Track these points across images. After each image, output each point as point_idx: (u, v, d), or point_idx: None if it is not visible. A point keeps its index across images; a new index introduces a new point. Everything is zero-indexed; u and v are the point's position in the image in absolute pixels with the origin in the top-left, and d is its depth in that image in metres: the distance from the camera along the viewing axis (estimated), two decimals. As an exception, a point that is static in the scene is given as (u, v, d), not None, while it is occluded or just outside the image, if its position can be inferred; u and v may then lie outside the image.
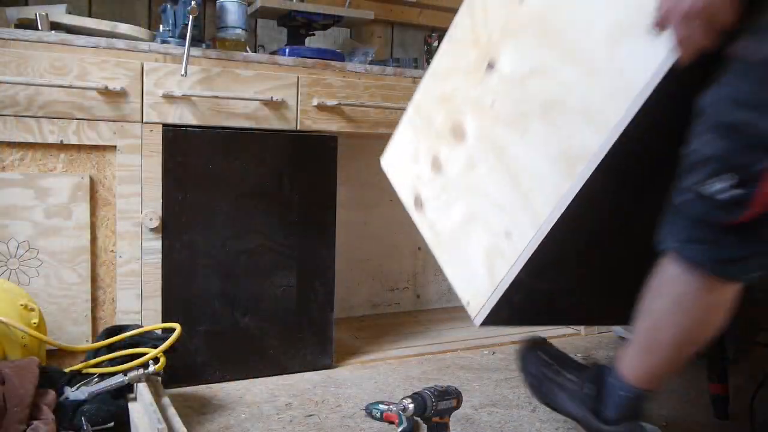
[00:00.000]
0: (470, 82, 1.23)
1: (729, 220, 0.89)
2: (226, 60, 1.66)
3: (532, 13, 1.11)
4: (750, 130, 0.84)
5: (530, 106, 1.08)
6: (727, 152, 0.86)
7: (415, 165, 1.36)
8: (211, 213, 1.64)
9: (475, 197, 1.19)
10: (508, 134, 1.12)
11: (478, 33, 1.23)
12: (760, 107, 0.83)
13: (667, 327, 1.04)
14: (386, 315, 2.49)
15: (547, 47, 1.07)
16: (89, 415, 1.24)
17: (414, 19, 2.51)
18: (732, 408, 1.59)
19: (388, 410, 1.47)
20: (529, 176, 1.07)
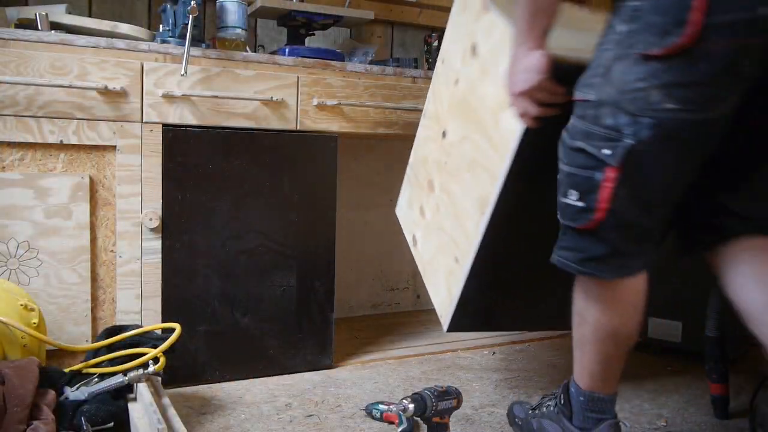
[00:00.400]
0: (435, 147, 1.57)
1: (581, 226, 1.09)
2: (226, 60, 1.66)
3: (461, 94, 1.46)
4: (585, 153, 1.07)
5: (463, 163, 1.42)
6: (568, 172, 1.11)
7: (411, 211, 1.71)
8: (211, 213, 1.64)
9: (439, 233, 1.52)
10: (454, 184, 1.46)
11: (437, 110, 1.59)
12: (591, 136, 1.06)
13: (583, 325, 1.20)
14: (386, 315, 2.49)
15: (469, 120, 1.42)
16: (89, 415, 1.24)
17: (414, 19, 2.51)
18: (732, 408, 1.59)
19: (388, 410, 1.47)
20: (465, 214, 1.40)
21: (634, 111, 1.01)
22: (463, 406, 1.56)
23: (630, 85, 1.01)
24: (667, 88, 0.99)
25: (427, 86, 1.90)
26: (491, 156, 1.31)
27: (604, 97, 1.05)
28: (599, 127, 1.05)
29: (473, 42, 1.42)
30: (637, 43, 1.01)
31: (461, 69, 1.47)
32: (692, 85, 0.98)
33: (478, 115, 1.37)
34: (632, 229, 1.09)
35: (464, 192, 1.41)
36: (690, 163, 1.07)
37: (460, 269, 1.40)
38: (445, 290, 1.48)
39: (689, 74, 0.97)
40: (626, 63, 1.02)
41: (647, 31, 0.99)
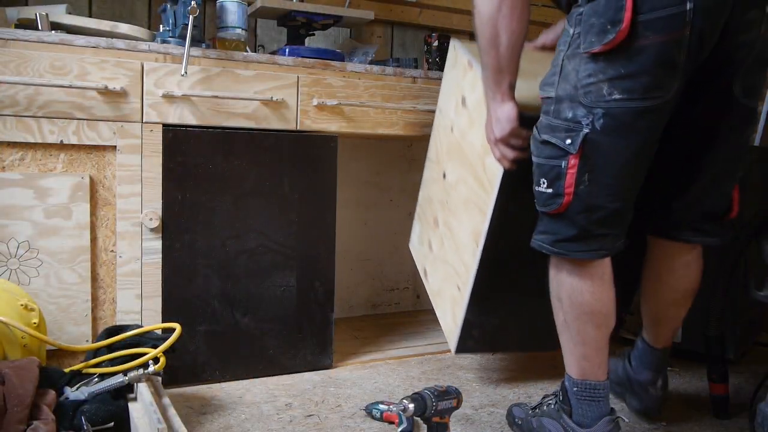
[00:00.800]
0: (438, 187, 1.77)
1: (552, 210, 1.22)
2: (226, 60, 1.66)
3: (456, 140, 1.64)
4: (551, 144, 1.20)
5: (460, 202, 1.60)
6: (539, 163, 1.24)
7: (421, 246, 1.89)
8: (211, 213, 1.64)
9: (444, 265, 1.70)
10: (454, 220, 1.65)
11: (438, 154, 1.78)
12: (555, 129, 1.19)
13: (560, 309, 1.29)
14: (386, 315, 2.49)
15: (463, 163, 1.60)
16: (89, 415, 1.24)
17: (414, 19, 2.51)
18: (732, 408, 1.59)
19: (388, 410, 1.47)
20: (463, 247, 1.58)
21: (588, 103, 1.15)
22: (463, 406, 1.56)
23: (582, 81, 1.15)
24: (613, 81, 1.11)
25: (427, 86, 1.91)
26: (481, 194, 1.50)
27: (561, 93, 1.19)
28: (560, 120, 1.19)
29: (462, 95, 1.61)
30: (583, 43, 1.14)
31: (454, 118, 1.67)
32: (633, 76, 1.10)
33: (469, 159, 1.56)
34: (597, 211, 1.19)
35: (462, 227, 1.60)
36: (641, 147, 1.18)
37: (462, 296, 1.58)
38: (450, 316, 1.65)
39: (629, 67, 1.10)
40: (577, 61, 1.16)
41: (590, 32, 1.13)
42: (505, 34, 1.25)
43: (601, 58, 1.12)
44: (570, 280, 1.25)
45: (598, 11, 1.12)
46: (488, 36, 1.26)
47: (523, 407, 1.47)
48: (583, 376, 1.29)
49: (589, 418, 1.29)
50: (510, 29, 1.25)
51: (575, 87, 1.16)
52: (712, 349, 1.58)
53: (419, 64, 2.23)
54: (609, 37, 1.09)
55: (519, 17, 1.25)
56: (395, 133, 1.88)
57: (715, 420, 1.57)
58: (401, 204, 2.52)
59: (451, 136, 1.67)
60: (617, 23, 1.08)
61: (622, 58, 1.10)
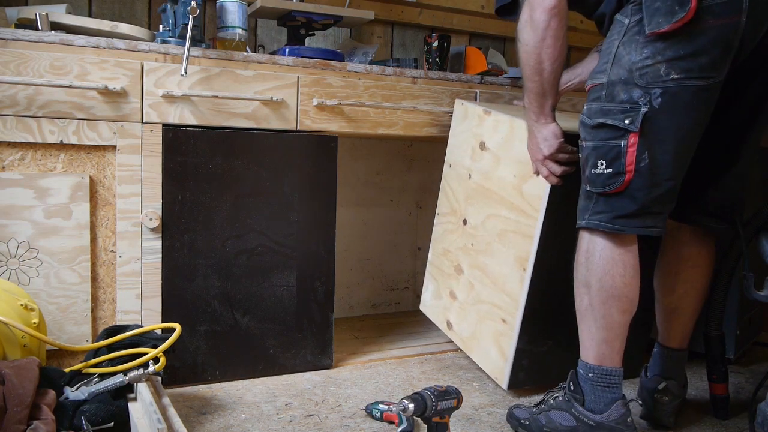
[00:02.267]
0: (457, 236, 1.84)
1: (613, 189, 1.27)
2: (226, 60, 1.66)
3: (476, 184, 1.76)
4: (607, 126, 1.26)
5: (493, 237, 1.68)
6: (594, 146, 1.29)
7: (439, 302, 1.93)
8: (211, 213, 1.64)
9: (478, 306, 1.73)
10: (484, 258, 1.71)
11: (452, 205, 1.88)
12: (610, 112, 1.26)
13: (587, 294, 1.33)
14: (386, 315, 2.49)
15: (490, 201, 1.69)
16: (89, 415, 1.24)
17: (414, 19, 2.51)
18: (732, 408, 1.59)
19: (388, 410, 1.47)
20: (503, 278, 1.63)
21: (645, 84, 1.22)
22: (463, 406, 1.56)
23: (638, 63, 1.22)
24: (671, 61, 1.20)
25: (427, 86, 1.91)
26: (521, 221, 1.58)
27: (613, 77, 1.26)
28: (615, 104, 1.25)
29: (481, 140, 1.73)
30: (648, 25, 1.20)
31: (471, 164, 1.78)
32: (692, 57, 1.19)
33: (498, 195, 1.66)
34: (657, 187, 1.25)
35: (498, 260, 1.65)
36: (695, 125, 1.25)
37: (510, 327, 1.60)
38: (496, 352, 1.65)
39: (688, 48, 1.19)
40: (633, 47, 1.23)
41: (656, 14, 1.19)
42: (548, 62, 1.37)
43: (662, 40, 1.20)
44: (603, 263, 1.30)
45: None
46: (533, 64, 1.38)
47: (524, 408, 1.47)
48: (600, 362, 1.32)
49: (601, 403, 1.31)
50: (553, 57, 1.36)
51: (630, 71, 1.24)
52: (713, 350, 1.58)
53: (419, 64, 2.23)
54: (678, 17, 1.17)
55: (561, 47, 1.37)
56: (395, 133, 1.88)
57: (715, 420, 1.57)
58: (401, 204, 2.52)
59: (469, 182, 1.79)
60: (686, 3, 1.16)
61: (684, 39, 1.19)
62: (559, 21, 1.34)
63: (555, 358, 1.66)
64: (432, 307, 1.97)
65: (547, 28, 1.35)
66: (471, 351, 1.77)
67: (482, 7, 2.60)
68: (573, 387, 1.37)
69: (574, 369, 1.39)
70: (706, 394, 1.65)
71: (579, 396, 1.35)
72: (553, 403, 1.41)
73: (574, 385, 1.36)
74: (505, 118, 1.64)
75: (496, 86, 2.05)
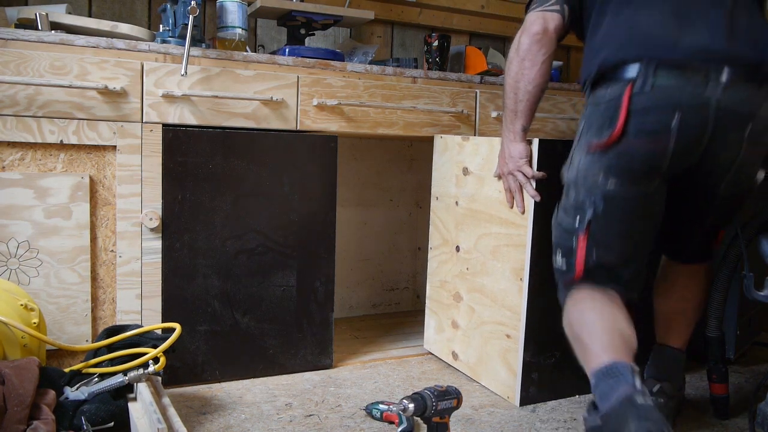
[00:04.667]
0: (451, 264, 1.87)
1: (566, 281, 1.35)
2: (226, 60, 1.66)
3: (464, 209, 1.81)
4: (563, 224, 1.36)
5: (487, 255, 1.72)
6: (556, 238, 1.38)
7: (442, 335, 1.93)
8: (211, 213, 1.64)
9: (481, 328, 1.75)
10: (481, 279, 1.74)
11: (443, 236, 1.92)
12: (567, 209, 1.36)
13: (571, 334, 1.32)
14: (386, 315, 2.49)
15: (480, 221, 1.74)
16: (89, 415, 1.24)
17: (414, 19, 2.51)
18: (732, 408, 1.59)
19: (388, 410, 1.47)
20: (502, 293, 1.66)
21: (589, 189, 1.31)
22: (463, 406, 1.56)
23: (582, 172, 1.32)
24: (608, 171, 1.28)
25: (427, 86, 1.91)
26: (512, 232, 1.62)
27: (570, 177, 1.36)
28: (571, 202, 1.35)
29: (464, 166, 1.80)
30: (584, 137, 1.32)
31: (457, 191, 1.84)
32: (624, 170, 1.27)
33: (487, 213, 1.72)
34: (611, 278, 1.33)
35: (495, 277, 1.69)
36: (638, 223, 1.32)
37: (515, 341, 1.62)
38: (505, 370, 1.66)
39: (621, 162, 1.26)
40: (581, 152, 1.33)
41: (590, 130, 1.31)
42: (524, 83, 1.45)
43: (599, 151, 1.29)
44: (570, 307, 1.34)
45: (598, 111, 1.30)
46: (510, 83, 1.47)
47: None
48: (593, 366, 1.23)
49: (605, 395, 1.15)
50: (528, 79, 1.45)
51: (578, 174, 1.33)
52: (713, 350, 1.58)
53: (419, 64, 2.23)
54: (605, 136, 1.27)
55: (538, 72, 1.44)
56: (395, 133, 1.88)
57: (715, 420, 1.57)
58: (401, 204, 2.52)
59: (457, 209, 1.84)
60: (612, 126, 1.25)
61: (616, 154, 1.27)
62: (539, 47, 1.42)
63: (564, 371, 1.64)
64: (436, 343, 1.96)
65: (527, 51, 1.43)
66: (480, 377, 1.75)
67: (482, 7, 2.60)
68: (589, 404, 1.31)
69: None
70: (706, 394, 1.65)
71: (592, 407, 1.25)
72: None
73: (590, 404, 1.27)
74: (483, 140, 1.72)
75: (496, 86, 2.05)
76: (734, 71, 1.21)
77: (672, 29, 1.25)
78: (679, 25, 1.25)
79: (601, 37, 1.34)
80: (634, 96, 1.23)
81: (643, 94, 1.23)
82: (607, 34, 1.32)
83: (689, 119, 1.22)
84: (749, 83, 1.22)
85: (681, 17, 1.26)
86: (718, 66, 1.21)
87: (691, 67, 1.22)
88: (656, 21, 1.27)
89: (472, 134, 1.99)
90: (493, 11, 2.63)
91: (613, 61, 1.27)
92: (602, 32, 1.34)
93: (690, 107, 1.21)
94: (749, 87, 1.22)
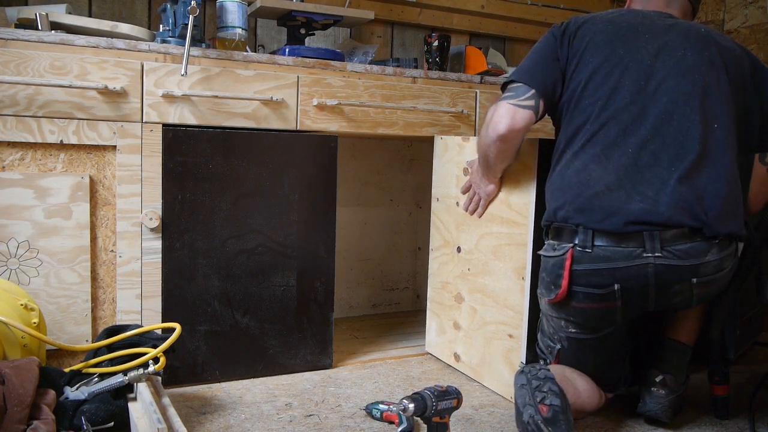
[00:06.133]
0: (453, 265, 1.87)
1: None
2: (226, 60, 1.66)
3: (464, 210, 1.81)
4: (542, 340, 1.51)
5: (488, 255, 1.72)
6: (541, 343, 1.52)
7: (443, 337, 1.93)
8: (211, 213, 1.64)
9: (483, 329, 1.75)
10: (483, 279, 1.75)
11: (444, 237, 1.91)
12: (543, 331, 1.50)
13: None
14: (386, 315, 2.49)
15: (481, 221, 1.74)
16: (89, 415, 1.24)
17: (414, 19, 2.51)
18: (732, 408, 1.59)
19: (388, 410, 1.47)
20: (504, 293, 1.67)
21: (555, 329, 1.45)
22: (463, 406, 1.56)
23: (547, 313, 1.45)
24: (565, 320, 1.41)
25: (427, 86, 1.91)
26: (514, 231, 1.62)
27: (543, 310, 1.47)
28: (545, 329, 1.48)
29: (464, 167, 1.80)
30: (539, 288, 1.43)
31: (458, 192, 1.83)
32: (579, 320, 1.38)
33: (489, 211, 1.71)
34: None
35: (497, 277, 1.69)
36: (604, 353, 1.46)
37: (518, 341, 1.62)
38: (508, 370, 1.66)
39: (574, 315, 1.38)
40: (543, 298, 1.43)
41: (541, 284, 1.41)
42: (492, 158, 1.50)
43: (555, 304, 1.39)
44: None
45: (546, 269, 1.38)
46: (482, 148, 1.51)
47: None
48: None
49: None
50: (496, 158, 1.50)
51: (545, 313, 1.46)
52: (714, 351, 1.58)
53: (419, 64, 2.23)
54: (551, 296, 1.37)
55: (504, 157, 1.49)
56: (395, 133, 1.88)
57: (715, 420, 1.57)
58: (401, 204, 2.52)
59: (458, 210, 1.83)
60: (557, 287, 1.35)
61: (567, 309, 1.38)
62: (505, 145, 1.44)
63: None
64: (437, 345, 1.96)
65: (492, 144, 1.45)
66: (483, 378, 1.74)
67: (482, 7, 2.60)
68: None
69: None
70: (707, 394, 1.65)
71: None
72: None
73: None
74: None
75: (496, 86, 2.05)
76: (672, 234, 1.27)
77: (617, 193, 1.29)
78: (626, 188, 1.29)
79: (557, 179, 1.38)
80: (574, 261, 1.31)
81: (583, 261, 1.31)
82: (561, 177, 1.37)
83: (629, 284, 1.29)
84: (691, 239, 1.28)
85: (630, 177, 1.30)
86: (653, 232, 1.27)
87: (627, 236, 1.28)
88: (605, 181, 1.30)
89: (472, 134, 1.98)
90: (493, 11, 2.63)
91: (561, 217, 1.35)
92: (559, 169, 1.39)
93: (628, 273, 1.29)
94: (691, 242, 1.28)
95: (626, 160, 1.30)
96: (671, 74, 1.34)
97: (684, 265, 1.28)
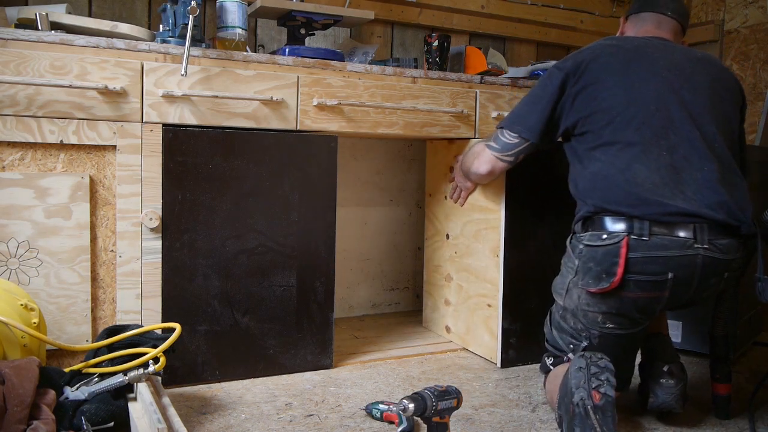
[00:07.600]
0: (443, 251, 2.15)
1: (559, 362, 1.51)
2: (226, 60, 1.66)
3: (452, 203, 2.07)
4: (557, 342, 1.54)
5: (471, 239, 1.99)
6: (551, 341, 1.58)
7: (437, 313, 2.20)
8: (211, 213, 1.64)
9: (468, 302, 2.02)
10: (467, 260, 2.02)
11: (435, 226, 2.19)
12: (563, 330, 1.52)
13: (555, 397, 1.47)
14: (386, 315, 2.49)
15: (464, 210, 2.02)
16: (89, 415, 1.24)
17: (414, 19, 2.51)
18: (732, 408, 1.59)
19: (388, 410, 1.47)
20: (484, 270, 1.94)
21: (586, 324, 1.45)
22: (463, 406, 1.56)
23: (582, 307, 1.45)
24: (605, 314, 1.42)
25: (427, 86, 1.91)
26: (490, 217, 1.89)
27: (568, 305, 1.48)
28: (567, 326, 1.50)
29: (451, 165, 2.04)
30: (581, 280, 1.43)
31: (446, 188, 2.09)
32: (620, 314, 1.41)
33: (470, 202, 1.99)
34: None
35: (479, 257, 1.95)
36: (628, 351, 1.49)
37: (495, 309, 1.88)
38: (488, 335, 1.93)
39: (618, 307, 1.40)
40: (578, 290, 1.44)
41: (587, 274, 1.41)
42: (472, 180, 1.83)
43: (599, 294, 1.40)
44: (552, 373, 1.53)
45: (596, 258, 1.39)
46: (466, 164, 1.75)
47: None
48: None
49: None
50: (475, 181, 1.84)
51: (577, 307, 1.46)
52: (717, 349, 1.57)
53: (419, 63, 2.23)
54: (603, 285, 1.37)
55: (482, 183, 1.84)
56: (395, 133, 1.88)
57: (715, 420, 1.56)
58: (401, 204, 2.52)
59: (446, 203, 2.12)
60: (611, 275, 1.36)
61: (613, 299, 1.39)
62: (481, 180, 1.75)
63: (537, 337, 1.87)
64: (432, 320, 2.23)
65: (473, 176, 1.73)
66: (469, 344, 2.01)
67: (482, 7, 2.60)
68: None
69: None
70: (707, 393, 1.65)
71: None
72: None
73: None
74: (472, 142, 1.90)
75: (496, 86, 2.05)
76: (716, 230, 1.36)
77: (662, 190, 1.37)
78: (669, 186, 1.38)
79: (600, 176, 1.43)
80: (630, 249, 1.35)
81: (639, 249, 1.35)
82: (604, 177, 1.42)
83: (680, 272, 1.35)
84: (730, 236, 1.38)
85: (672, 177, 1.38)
86: (702, 224, 1.35)
87: (681, 226, 1.35)
88: (651, 179, 1.38)
89: (472, 134, 1.99)
90: (493, 11, 2.63)
91: (611, 209, 1.39)
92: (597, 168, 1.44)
93: (681, 262, 1.34)
94: (730, 238, 1.38)
95: (664, 161, 1.39)
96: (685, 87, 1.45)
97: (724, 259, 1.37)
